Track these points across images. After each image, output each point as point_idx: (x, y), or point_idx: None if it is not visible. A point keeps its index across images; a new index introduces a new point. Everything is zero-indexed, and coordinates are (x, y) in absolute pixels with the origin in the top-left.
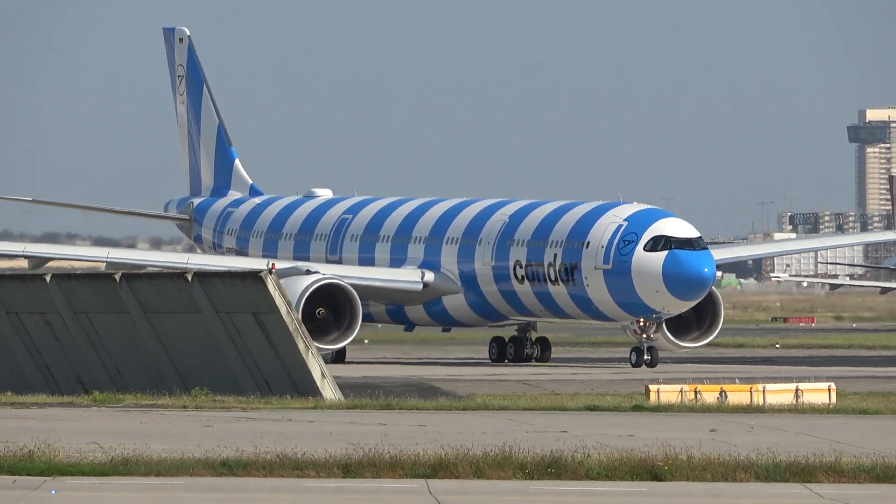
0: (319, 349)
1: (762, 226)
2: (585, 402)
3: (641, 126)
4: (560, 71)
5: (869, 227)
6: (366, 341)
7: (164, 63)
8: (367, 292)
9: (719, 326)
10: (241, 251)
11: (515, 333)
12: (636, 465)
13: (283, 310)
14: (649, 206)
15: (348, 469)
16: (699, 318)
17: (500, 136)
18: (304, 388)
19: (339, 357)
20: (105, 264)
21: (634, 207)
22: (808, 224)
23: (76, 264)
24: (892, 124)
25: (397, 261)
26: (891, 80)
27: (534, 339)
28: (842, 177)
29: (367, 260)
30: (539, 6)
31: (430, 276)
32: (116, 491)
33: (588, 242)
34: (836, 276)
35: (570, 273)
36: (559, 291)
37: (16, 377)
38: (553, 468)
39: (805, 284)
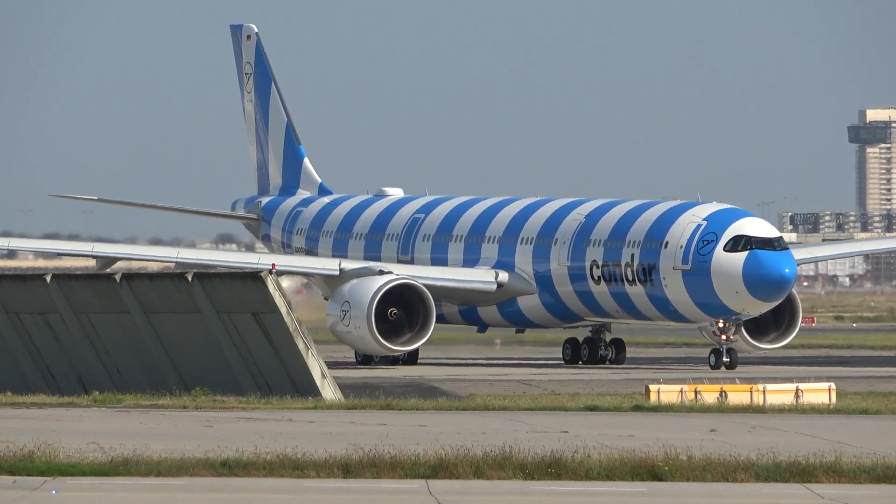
0: (392, 351)
1: None
2: (585, 403)
3: (641, 126)
4: (561, 71)
5: (869, 228)
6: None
7: (231, 61)
8: (440, 293)
9: (797, 327)
10: (311, 251)
11: (589, 335)
12: (636, 466)
13: (283, 310)
14: (728, 206)
15: (348, 469)
16: (776, 320)
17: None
18: (304, 388)
19: (411, 358)
20: (174, 265)
21: (713, 207)
22: (809, 224)
23: (147, 265)
24: (892, 124)
25: (470, 261)
26: (891, 80)
27: (608, 340)
28: (842, 177)
29: (439, 260)
30: (555, 11)
31: (504, 276)
32: (116, 491)
33: (666, 242)
34: (835, 276)
35: (647, 273)
36: (636, 292)
37: (16, 377)
38: (553, 468)
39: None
